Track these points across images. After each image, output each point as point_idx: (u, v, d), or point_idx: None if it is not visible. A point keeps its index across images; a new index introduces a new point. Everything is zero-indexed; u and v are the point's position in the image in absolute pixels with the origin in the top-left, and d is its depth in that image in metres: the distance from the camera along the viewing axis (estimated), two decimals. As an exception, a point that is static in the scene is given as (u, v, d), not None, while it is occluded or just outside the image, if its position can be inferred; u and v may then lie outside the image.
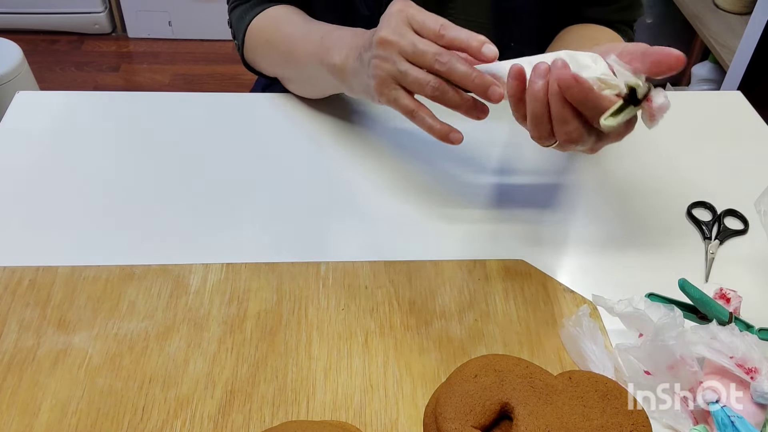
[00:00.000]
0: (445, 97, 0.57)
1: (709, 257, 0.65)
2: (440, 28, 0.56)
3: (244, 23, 0.79)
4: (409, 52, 0.56)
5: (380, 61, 0.58)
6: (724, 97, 0.95)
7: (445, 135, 0.58)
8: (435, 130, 0.58)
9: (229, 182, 0.71)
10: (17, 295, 0.58)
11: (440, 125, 0.58)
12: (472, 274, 0.62)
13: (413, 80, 0.56)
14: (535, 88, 0.52)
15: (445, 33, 0.56)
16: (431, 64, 0.55)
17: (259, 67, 0.82)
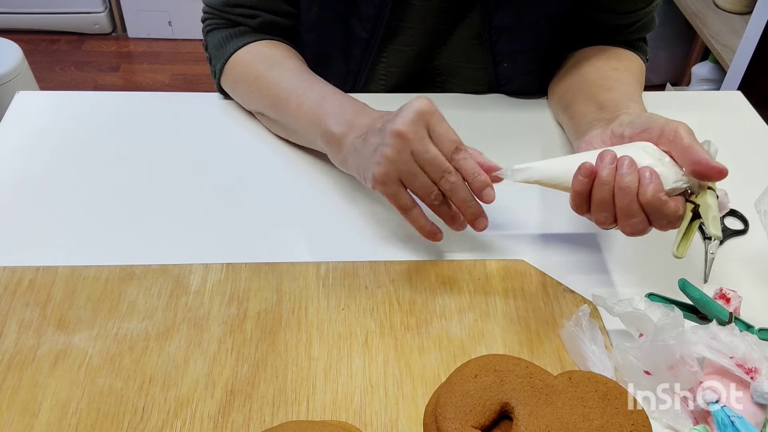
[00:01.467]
0: (440, 209, 0.60)
1: (709, 257, 0.65)
2: (454, 151, 0.57)
3: (224, 52, 0.77)
4: (422, 158, 0.57)
5: (392, 153, 0.57)
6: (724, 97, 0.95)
7: (433, 234, 0.61)
8: (425, 230, 0.61)
9: (229, 182, 0.71)
10: (17, 295, 0.58)
11: (430, 226, 0.61)
12: (472, 274, 0.62)
13: (420, 185, 0.58)
14: (604, 178, 0.54)
15: (457, 158, 0.58)
16: (438, 178, 0.57)
17: (235, 99, 0.79)
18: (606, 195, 0.54)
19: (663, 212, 0.53)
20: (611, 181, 0.53)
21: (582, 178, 0.55)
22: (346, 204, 0.69)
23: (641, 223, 0.54)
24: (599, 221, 0.55)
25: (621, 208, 0.54)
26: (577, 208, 0.56)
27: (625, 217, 0.54)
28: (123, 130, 0.77)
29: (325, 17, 0.78)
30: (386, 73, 0.82)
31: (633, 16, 0.77)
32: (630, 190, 0.53)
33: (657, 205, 0.52)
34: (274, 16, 0.77)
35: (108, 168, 0.72)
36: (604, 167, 0.54)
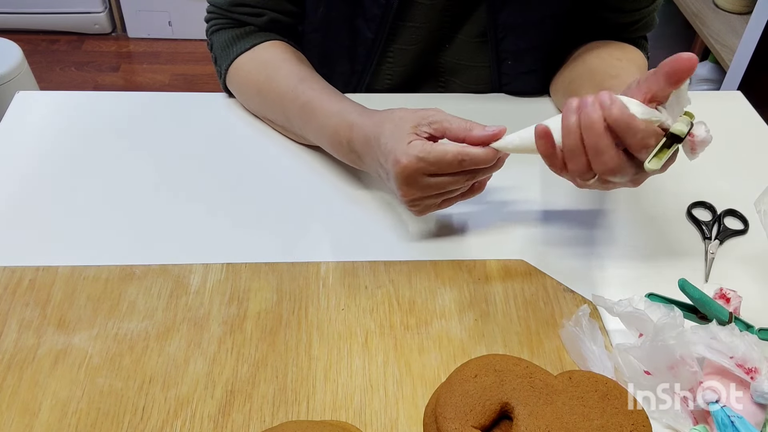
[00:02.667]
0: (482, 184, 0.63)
1: (709, 257, 0.65)
2: (459, 165, 0.58)
3: (229, 54, 0.77)
4: (437, 192, 0.60)
5: (413, 208, 0.63)
6: (724, 97, 0.95)
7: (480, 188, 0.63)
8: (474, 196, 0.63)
9: (229, 182, 0.71)
10: (17, 295, 0.58)
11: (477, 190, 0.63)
12: (472, 274, 0.62)
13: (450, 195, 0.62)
14: (569, 124, 0.52)
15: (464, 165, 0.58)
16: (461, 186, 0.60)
17: (241, 101, 0.80)
18: (574, 142, 0.52)
19: (632, 127, 0.50)
20: (577, 129, 0.52)
21: (540, 141, 0.54)
22: (346, 204, 0.69)
23: (613, 159, 0.51)
24: (574, 170, 0.53)
25: (590, 146, 0.51)
26: (550, 162, 0.55)
27: (596, 155, 0.51)
28: (123, 130, 0.77)
29: (331, 17, 0.78)
30: (391, 73, 0.82)
31: (636, 14, 0.78)
32: (595, 122, 0.51)
33: (625, 121, 0.50)
34: (279, 15, 0.77)
35: (108, 168, 0.72)
36: (568, 116, 0.53)
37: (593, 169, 0.53)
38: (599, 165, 0.52)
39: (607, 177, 0.52)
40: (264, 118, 0.78)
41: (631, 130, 0.50)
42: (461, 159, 0.57)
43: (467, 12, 0.77)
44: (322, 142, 0.70)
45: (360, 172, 0.72)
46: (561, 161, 0.54)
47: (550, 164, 0.55)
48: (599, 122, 0.51)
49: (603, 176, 0.53)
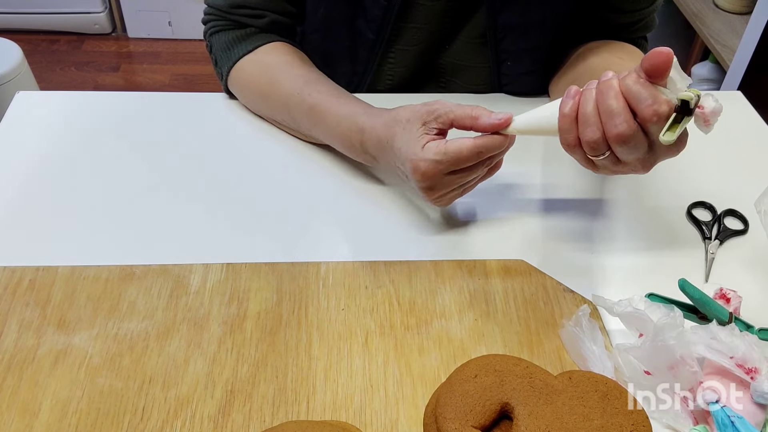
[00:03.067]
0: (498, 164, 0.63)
1: (709, 257, 0.65)
2: (477, 156, 0.58)
3: (230, 56, 0.77)
4: (458, 185, 0.61)
5: (436, 202, 0.63)
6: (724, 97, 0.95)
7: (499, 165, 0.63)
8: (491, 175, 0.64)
9: (229, 182, 0.71)
10: (17, 295, 0.58)
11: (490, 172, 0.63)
12: (472, 274, 0.62)
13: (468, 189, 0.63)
14: (586, 93, 0.53)
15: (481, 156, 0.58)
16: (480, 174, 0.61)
17: (244, 103, 0.80)
18: (590, 107, 0.53)
19: (645, 92, 0.51)
20: (593, 97, 0.53)
21: (569, 100, 0.54)
22: (346, 204, 0.69)
23: (626, 122, 0.51)
24: (586, 138, 0.53)
25: (604, 110, 0.52)
26: (566, 135, 0.55)
27: (609, 118, 0.52)
28: (123, 130, 0.77)
29: (331, 18, 0.78)
30: (392, 73, 0.82)
31: (637, 14, 0.78)
32: (611, 88, 0.52)
33: (638, 87, 0.51)
34: (279, 16, 0.77)
35: (108, 168, 0.72)
36: (587, 89, 0.54)
37: (606, 136, 0.53)
38: (612, 128, 0.52)
39: (619, 145, 0.52)
40: (270, 119, 0.78)
41: (643, 96, 0.50)
42: (478, 152, 0.58)
43: (467, 13, 0.77)
44: (334, 143, 0.70)
45: (360, 173, 0.72)
46: (576, 133, 0.54)
47: (566, 135, 0.55)
48: (615, 87, 0.52)
49: (615, 143, 0.52)
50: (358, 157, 0.69)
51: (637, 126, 0.51)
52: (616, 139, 0.52)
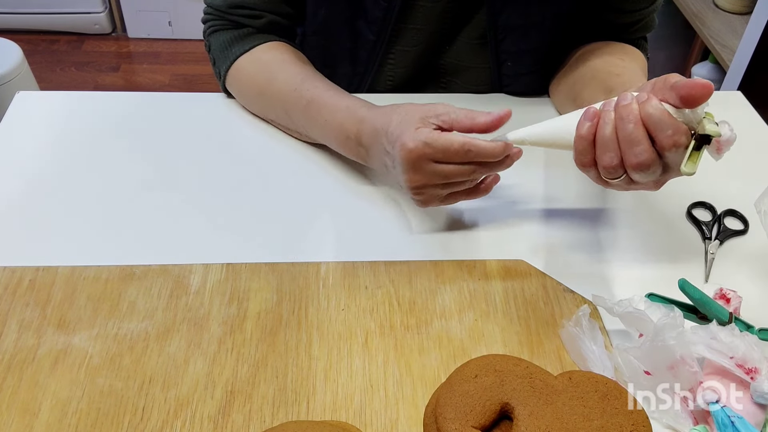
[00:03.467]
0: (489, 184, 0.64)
1: (709, 257, 0.65)
2: (465, 155, 0.58)
3: (228, 56, 0.77)
4: (443, 182, 0.60)
5: (418, 197, 0.63)
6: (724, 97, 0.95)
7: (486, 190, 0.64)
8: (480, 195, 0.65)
9: (229, 182, 0.71)
10: (17, 295, 0.58)
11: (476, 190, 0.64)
12: (472, 274, 0.62)
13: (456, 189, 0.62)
14: (605, 115, 0.53)
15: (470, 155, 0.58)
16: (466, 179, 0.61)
17: (242, 102, 0.80)
18: (609, 133, 0.52)
19: (666, 121, 0.50)
20: (612, 120, 0.52)
21: (587, 122, 0.54)
22: (346, 204, 0.69)
23: (646, 152, 0.51)
24: (604, 164, 0.53)
25: (624, 137, 0.52)
26: (582, 157, 0.55)
27: (630, 146, 0.51)
28: (123, 130, 0.77)
29: (331, 19, 0.78)
30: (393, 74, 0.82)
31: (636, 15, 0.78)
32: (631, 114, 0.51)
33: (659, 116, 0.50)
34: (277, 17, 0.77)
35: (108, 168, 0.72)
36: (606, 110, 0.53)
37: (625, 163, 0.52)
38: (632, 157, 0.52)
39: (637, 172, 0.52)
40: (266, 118, 0.78)
41: (664, 125, 0.50)
42: (468, 149, 0.58)
43: (468, 14, 0.77)
44: (328, 137, 0.70)
45: (360, 173, 0.72)
46: (592, 155, 0.54)
47: (581, 157, 0.55)
48: (635, 113, 0.51)
49: (634, 170, 0.52)
50: (351, 153, 0.68)
51: (656, 154, 0.51)
52: (635, 167, 0.52)
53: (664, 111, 0.51)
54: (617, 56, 0.76)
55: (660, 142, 0.51)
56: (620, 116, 0.52)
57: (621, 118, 0.52)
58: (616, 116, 0.52)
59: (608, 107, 0.54)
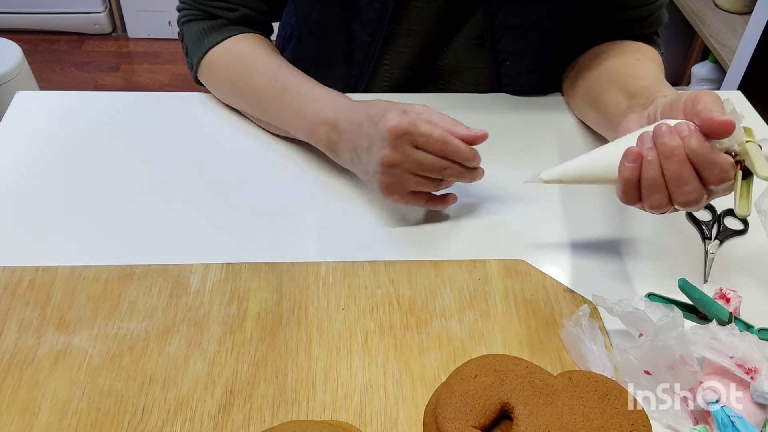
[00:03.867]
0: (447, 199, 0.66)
1: (709, 257, 0.65)
2: (443, 148, 0.60)
3: (201, 47, 0.77)
4: (417, 170, 0.61)
5: (388, 180, 0.62)
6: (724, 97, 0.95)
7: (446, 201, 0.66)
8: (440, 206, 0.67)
9: (229, 182, 0.71)
10: (17, 295, 0.58)
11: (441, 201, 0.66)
12: (472, 274, 0.62)
13: (424, 186, 0.63)
14: (648, 154, 0.52)
15: (449, 151, 0.60)
16: (438, 175, 0.62)
17: (214, 93, 0.80)
18: (655, 174, 0.52)
19: (713, 160, 0.50)
20: (657, 159, 0.52)
21: (630, 164, 0.53)
22: (346, 204, 0.69)
23: (696, 190, 0.51)
24: (653, 205, 0.53)
25: (671, 177, 0.51)
26: (628, 198, 0.54)
27: (678, 186, 0.51)
28: (123, 130, 0.77)
29: (325, 21, 0.78)
30: (389, 75, 0.82)
31: (644, 10, 0.77)
32: (675, 153, 0.51)
33: (705, 154, 0.50)
34: (251, 12, 0.78)
35: (108, 168, 0.72)
36: (647, 148, 0.52)
37: (673, 201, 0.52)
38: (682, 196, 0.51)
39: (685, 207, 0.52)
40: (238, 108, 0.78)
41: (711, 164, 0.50)
42: (447, 140, 0.59)
43: (464, 14, 0.77)
44: (297, 124, 0.70)
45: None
46: (638, 194, 0.54)
47: (628, 197, 0.54)
48: (680, 150, 0.51)
49: (682, 206, 0.52)
50: (319, 140, 0.68)
51: (704, 189, 0.51)
52: (684, 205, 0.52)
53: (709, 148, 0.50)
54: (633, 56, 0.75)
55: (707, 179, 0.51)
56: (664, 155, 0.51)
57: (666, 158, 0.51)
58: (660, 154, 0.52)
59: (647, 143, 0.52)
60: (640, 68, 0.72)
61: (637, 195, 0.54)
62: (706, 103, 0.52)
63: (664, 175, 0.52)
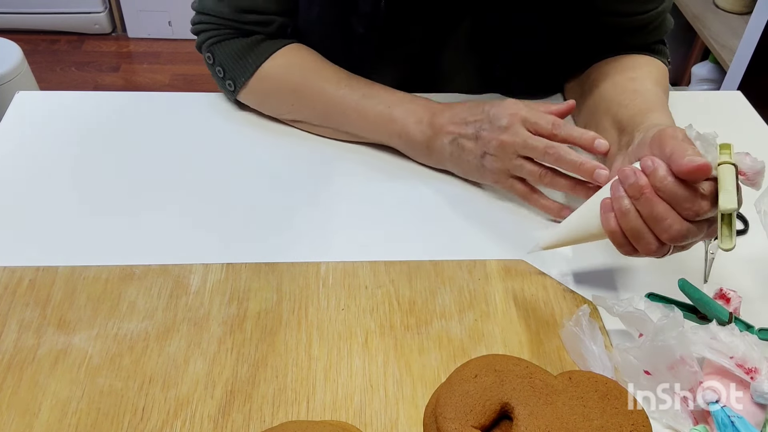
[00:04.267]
0: (557, 184, 0.65)
1: (709, 257, 0.65)
2: (553, 128, 0.63)
3: (247, 65, 0.74)
4: (523, 151, 0.64)
5: (495, 161, 0.66)
6: (724, 97, 0.95)
7: (558, 211, 0.67)
8: (549, 210, 0.68)
9: (229, 182, 0.71)
10: (17, 295, 0.58)
11: (552, 204, 0.67)
12: (472, 274, 0.62)
13: (528, 173, 0.65)
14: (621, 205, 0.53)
15: (558, 132, 0.63)
16: (541, 157, 0.63)
17: (260, 109, 0.78)
18: (633, 218, 0.52)
19: (680, 194, 0.49)
20: (631, 204, 0.52)
21: (606, 214, 0.54)
22: (346, 204, 0.69)
23: (676, 223, 0.50)
24: (646, 250, 0.53)
25: (648, 217, 0.51)
26: (623, 248, 0.55)
27: (657, 223, 0.51)
28: (123, 130, 0.77)
29: (326, 17, 0.78)
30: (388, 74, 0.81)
31: (645, 17, 0.74)
32: (644, 192, 0.51)
33: (670, 190, 0.50)
34: (285, 19, 0.76)
35: (108, 168, 0.72)
36: (618, 197, 0.53)
37: (663, 241, 0.52)
38: (664, 233, 0.51)
39: (677, 241, 0.52)
40: (293, 119, 0.77)
41: (679, 198, 0.50)
42: (555, 122, 0.63)
43: (457, 16, 0.76)
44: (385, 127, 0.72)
45: (360, 173, 0.72)
46: (630, 244, 0.54)
47: (624, 249, 0.55)
48: (648, 189, 0.51)
49: (673, 242, 0.52)
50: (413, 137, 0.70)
51: (686, 223, 0.51)
52: (671, 240, 0.52)
53: (673, 182, 0.50)
54: (627, 76, 0.73)
55: (683, 214, 0.51)
56: (634, 197, 0.52)
57: (636, 199, 0.52)
58: (631, 198, 0.52)
59: (618, 192, 0.53)
60: (632, 91, 0.70)
61: (629, 243, 0.54)
62: (674, 147, 0.51)
63: (642, 217, 0.52)
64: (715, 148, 0.51)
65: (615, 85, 0.73)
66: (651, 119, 0.63)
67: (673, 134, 0.52)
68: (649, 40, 0.78)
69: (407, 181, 0.72)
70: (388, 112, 0.71)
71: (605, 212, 0.54)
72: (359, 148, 0.75)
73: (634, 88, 0.70)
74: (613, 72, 0.75)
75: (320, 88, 0.73)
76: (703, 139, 0.52)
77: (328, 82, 0.73)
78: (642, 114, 0.65)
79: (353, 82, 0.73)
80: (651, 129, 0.57)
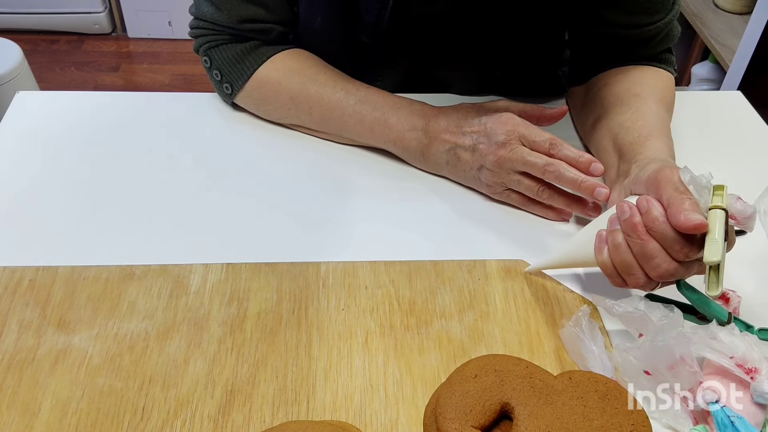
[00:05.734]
0: (556, 201, 0.66)
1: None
2: (550, 147, 0.63)
3: (243, 69, 0.74)
4: (521, 168, 0.64)
5: (492, 175, 0.66)
6: (724, 97, 0.95)
7: (559, 215, 0.68)
8: (550, 215, 0.68)
9: (228, 182, 0.71)
10: (17, 295, 0.58)
11: (550, 208, 0.67)
12: (472, 274, 0.62)
13: (525, 188, 0.66)
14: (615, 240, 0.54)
15: (554, 152, 0.63)
16: (541, 174, 0.64)
17: (258, 113, 0.78)
18: (624, 253, 0.53)
19: (670, 237, 0.51)
20: (623, 241, 0.53)
21: (601, 245, 0.56)
22: (346, 204, 0.69)
23: (665, 263, 0.51)
24: (634, 284, 0.54)
25: (638, 253, 0.52)
26: (613, 279, 0.56)
27: (646, 261, 0.52)
28: (123, 130, 0.77)
29: (328, 27, 0.77)
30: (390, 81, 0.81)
31: (653, 28, 0.73)
32: (637, 229, 0.52)
33: (661, 230, 0.51)
34: (284, 27, 0.76)
35: (108, 168, 0.72)
36: (612, 231, 0.55)
37: (651, 278, 0.53)
38: (652, 271, 0.52)
39: (665, 279, 0.53)
40: (291, 123, 0.76)
41: (670, 240, 0.51)
42: (552, 140, 0.63)
43: (461, 22, 0.76)
44: (382, 133, 0.71)
45: (360, 172, 0.72)
46: (620, 276, 0.55)
47: (614, 280, 0.56)
48: (641, 227, 0.52)
49: (661, 279, 0.53)
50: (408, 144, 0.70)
51: (675, 263, 0.52)
52: (659, 278, 0.53)
53: (666, 225, 0.51)
54: (632, 91, 0.72)
55: (672, 255, 0.52)
56: (627, 233, 0.53)
57: (628, 236, 0.53)
58: (624, 233, 0.53)
59: (613, 226, 0.54)
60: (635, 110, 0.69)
61: (620, 275, 0.55)
62: (671, 197, 0.52)
63: (633, 253, 0.53)
64: (708, 191, 0.52)
65: (620, 102, 0.71)
66: (649, 149, 0.63)
67: (669, 178, 0.53)
68: (656, 50, 0.76)
69: (407, 182, 0.72)
70: (383, 119, 0.71)
71: (599, 243, 0.56)
72: (359, 148, 0.75)
73: (637, 107, 0.69)
74: (618, 87, 0.73)
75: (316, 92, 0.73)
76: (696, 182, 0.52)
77: (325, 86, 0.73)
78: (641, 142, 0.65)
79: (349, 86, 0.73)
80: (648, 165, 0.58)
